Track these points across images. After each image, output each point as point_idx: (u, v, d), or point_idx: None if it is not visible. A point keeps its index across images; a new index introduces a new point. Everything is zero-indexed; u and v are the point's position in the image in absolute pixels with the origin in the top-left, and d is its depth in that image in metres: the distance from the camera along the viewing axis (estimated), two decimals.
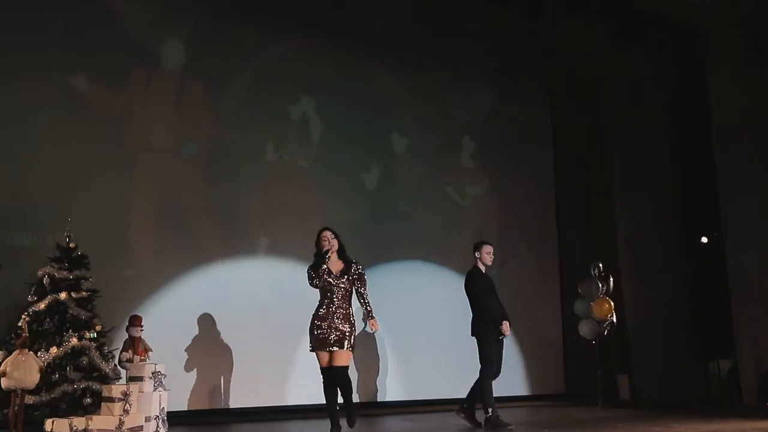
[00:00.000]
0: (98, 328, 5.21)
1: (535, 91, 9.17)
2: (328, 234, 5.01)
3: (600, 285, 8.01)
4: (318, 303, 4.90)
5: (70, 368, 4.91)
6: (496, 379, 5.66)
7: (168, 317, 6.21)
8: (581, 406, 7.71)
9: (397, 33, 8.09)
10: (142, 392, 4.98)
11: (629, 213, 8.85)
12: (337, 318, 4.82)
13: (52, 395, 4.80)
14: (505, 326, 5.61)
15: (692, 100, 8.56)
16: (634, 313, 8.62)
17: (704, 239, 9.24)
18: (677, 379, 8.31)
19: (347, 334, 4.80)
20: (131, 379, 5.07)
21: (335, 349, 4.75)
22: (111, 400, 4.80)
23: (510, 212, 8.66)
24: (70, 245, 5.30)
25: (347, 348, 4.79)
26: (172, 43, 6.79)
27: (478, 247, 5.89)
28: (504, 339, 5.73)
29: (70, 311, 5.05)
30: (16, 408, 4.54)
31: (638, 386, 8.46)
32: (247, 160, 7.05)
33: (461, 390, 5.83)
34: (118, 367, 5.34)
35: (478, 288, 5.74)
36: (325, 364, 4.82)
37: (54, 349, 4.86)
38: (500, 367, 5.72)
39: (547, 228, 8.97)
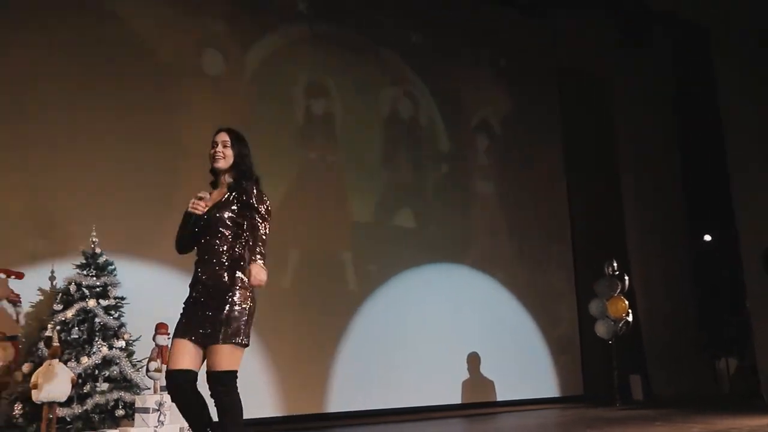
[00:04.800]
0: (126, 336, 5.02)
1: (546, 88, 9.13)
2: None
3: (614, 283, 8.00)
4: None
5: (101, 378, 4.71)
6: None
7: None
8: (601, 407, 7.67)
9: (408, 31, 8.04)
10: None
11: (640, 211, 8.87)
12: None
13: (85, 407, 4.60)
14: None
15: (701, 96, 8.63)
16: (647, 312, 8.63)
17: (707, 237, 9.31)
18: (690, 378, 8.32)
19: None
20: (162, 388, 4.90)
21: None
22: (145, 411, 4.64)
23: (522, 212, 8.60)
24: (96, 251, 5.11)
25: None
26: (188, 46, 6.65)
27: None
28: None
29: (99, 319, 4.86)
30: (48, 421, 4.35)
31: (652, 386, 8.45)
32: (273, 160, 6.91)
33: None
34: (147, 376, 5.15)
35: None
36: None
37: (85, 359, 4.66)
38: None
39: (560, 227, 8.94)
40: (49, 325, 4.73)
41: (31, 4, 5.86)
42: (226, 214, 3.19)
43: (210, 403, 3.13)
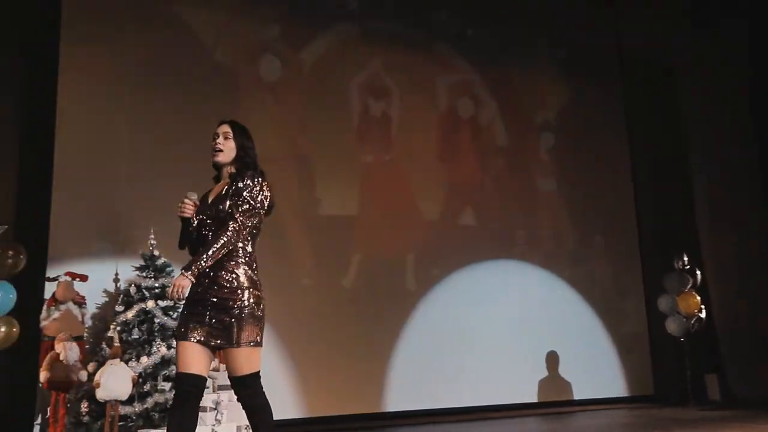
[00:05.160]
0: None
1: (609, 78, 8.82)
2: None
3: (685, 278, 7.66)
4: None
5: (160, 377, 4.84)
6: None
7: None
8: (673, 407, 7.36)
9: (463, 25, 7.91)
10: (232, 401, 4.90)
11: (711, 203, 8.45)
12: None
13: (145, 405, 4.74)
14: None
15: None
16: (721, 307, 8.22)
17: None
18: None
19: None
20: (220, 387, 5.00)
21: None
22: (203, 409, 4.72)
23: (585, 206, 8.34)
24: (154, 253, 5.25)
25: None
26: (245, 51, 6.75)
27: None
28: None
29: (158, 320, 4.99)
30: (111, 419, 4.50)
31: (731, 386, 8.04)
32: (331, 162, 6.95)
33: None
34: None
35: None
36: None
37: (144, 359, 4.80)
38: None
39: (625, 220, 8.61)
40: (111, 326, 4.90)
41: (99, 12, 6.06)
42: (228, 207, 3.05)
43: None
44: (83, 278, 5.10)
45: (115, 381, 4.54)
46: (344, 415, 6.39)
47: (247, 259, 3.04)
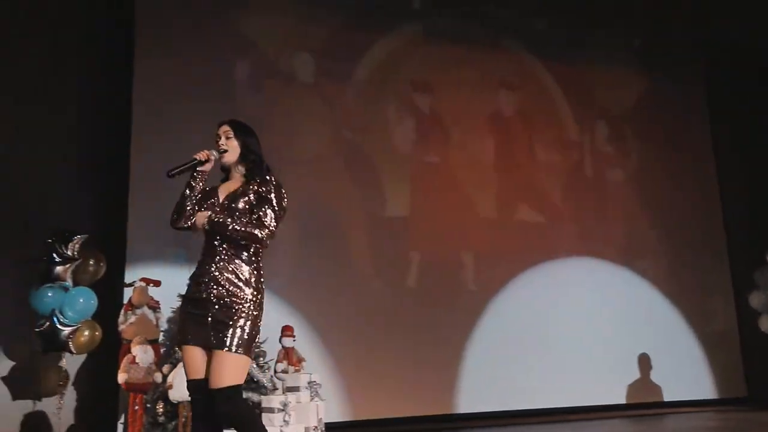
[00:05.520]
0: None
1: (687, 66, 8.43)
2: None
3: None
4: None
5: None
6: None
7: (320, 325, 6.21)
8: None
9: (531, 18, 7.74)
10: (300, 402, 4.97)
11: None
12: None
13: None
14: None
15: None
16: None
17: None
18: None
19: None
20: (288, 389, 5.07)
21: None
22: (271, 410, 4.80)
23: (665, 198, 8.01)
24: None
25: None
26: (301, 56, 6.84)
27: None
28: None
29: None
30: (184, 419, 4.65)
31: None
32: (393, 162, 6.95)
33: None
34: (275, 378, 5.35)
35: None
36: None
37: None
38: None
39: (710, 213, 8.21)
40: None
41: (168, 28, 6.29)
42: (241, 206, 2.97)
43: None
44: (156, 283, 5.29)
45: (186, 383, 4.67)
46: (414, 417, 6.36)
47: (253, 261, 2.96)
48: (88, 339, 5.34)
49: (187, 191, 3.07)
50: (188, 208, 3.06)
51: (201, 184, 3.09)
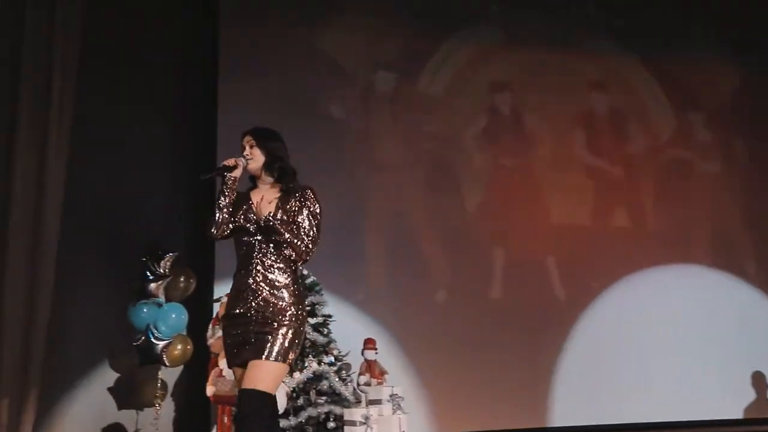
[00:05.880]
0: (335, 352, 5.30)
1: None
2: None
3: None
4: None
5: (313, 392, 5.03)
6: None
7: (402, 338, 6.20)
8: None
9: (612, 16, 7.44)
10: (382, 415, 4.97)
11: None
12: None
13: (299, 419, 4.95)
14: None
15: None
16: None
17: None
18: None
19: None
20: (370, 402, 5.10)
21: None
22: (353, 423, 4.84)
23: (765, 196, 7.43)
24: (303, 272, 5.48)
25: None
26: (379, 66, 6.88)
27: None
28: None
29: (308, 337, 5.20)
30: None
31: None
32: (472, 166, 6.87)
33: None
34: (358, 390, 5.38)
35: None
36: None
37: (297, 374, 5.02)
38: None
39: None
40: None
41: (251, 50, 6.48)
42: (279, 215, 2.98)
43: None
44: None
45: None
46: (502, 430, 6.21)
47: (292, 272, 2.97)
48: (181, 352, 5.58)
49: (220, 201, 3.06)
50: (222, 218, 3.05)
51: (232, 192, 3.08)
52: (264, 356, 2.79)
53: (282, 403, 4.85)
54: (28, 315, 5.14)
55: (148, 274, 5.53)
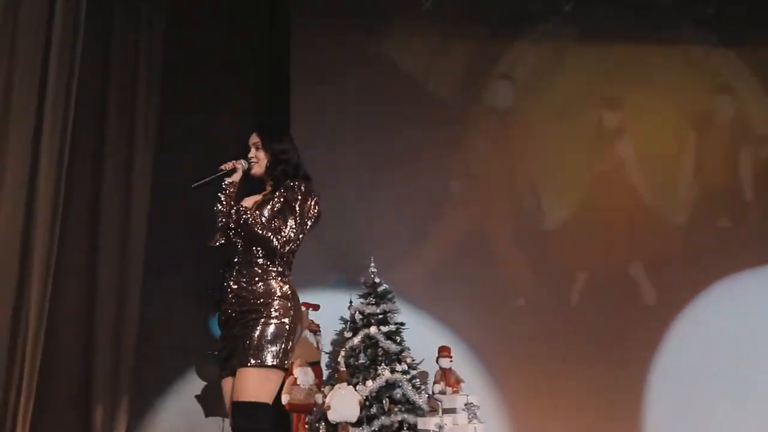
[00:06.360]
0: (408, 360, 5.27)
1: None
2: None
3: None
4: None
5: (386, 401, 5.02)
6: None
7: (479, 346, 6.08)
8: None
9: (700, 3, 7.04)
10: (457, 424, 4.91)
11: None
12: None
13: (372, 428, 4.95)
14: None
15: None
16: None
17: None
18: None
19: None
20: (445, 411, 5.04)
21: None
22: None
23: None
24: (375, 280, 5.50)
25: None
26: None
27: None
28: None
29: (381, 345, 5.20)
30: None
31: None
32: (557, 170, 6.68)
33: None
34: (433, 399, 5.33)
35: None
36: None
37: (369, 383, 5.02)
38: None
39: None
40: (341, 352, 5.24)
41: (322, 55, 6.55)
42: (266, 213, 2.81)
43: None
44: (315, 307, 5.52)
45: (343, 404, 4.83)
46: None
47: (270, 269, 2.81)
48: None
49: (216, 207, 2.95)
50: (216, 226, 2.95)
51: (230, 198, 2.93)
52: (241, 364, 2.64)
53: (354, 413, 4.87)
54: (118, 323, 5.42)
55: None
